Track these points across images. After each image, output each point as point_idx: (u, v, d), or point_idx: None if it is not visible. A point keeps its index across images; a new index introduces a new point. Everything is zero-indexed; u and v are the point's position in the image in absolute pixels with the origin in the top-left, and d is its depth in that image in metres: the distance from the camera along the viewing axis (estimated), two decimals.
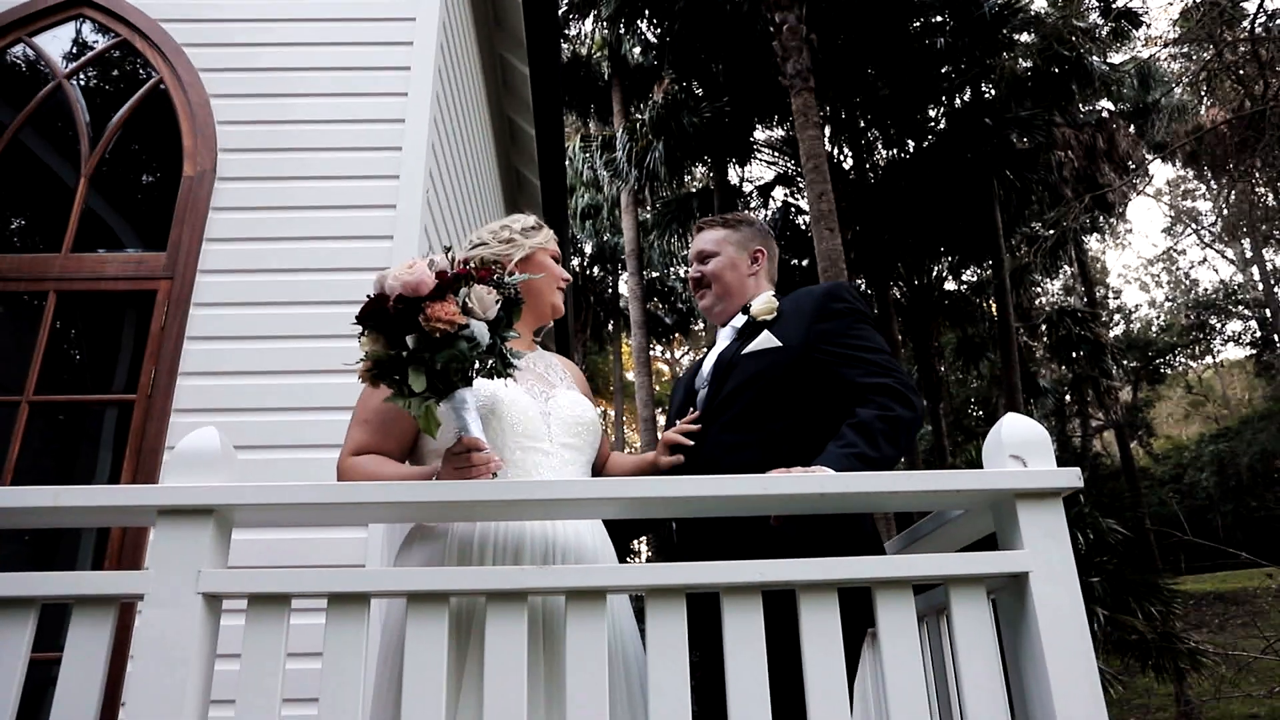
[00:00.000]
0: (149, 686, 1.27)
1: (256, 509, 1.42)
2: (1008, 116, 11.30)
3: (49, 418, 3.66)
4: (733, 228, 2.17)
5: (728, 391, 1.91)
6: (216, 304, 2.99)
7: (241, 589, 1.36)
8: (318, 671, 1.33)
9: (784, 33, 8.35)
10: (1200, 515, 29.19)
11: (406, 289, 1.48)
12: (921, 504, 1.54)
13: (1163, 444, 34.05)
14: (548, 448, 1.76)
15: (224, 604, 1.38)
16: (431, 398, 1.54)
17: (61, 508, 1.38)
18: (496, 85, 5.70)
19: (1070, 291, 25.50)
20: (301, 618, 1.47)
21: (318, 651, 1.34)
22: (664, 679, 1.34)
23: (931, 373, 14.46)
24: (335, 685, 1.32)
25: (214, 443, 1.43)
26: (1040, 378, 20.06)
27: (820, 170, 8.01)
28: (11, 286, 2.97)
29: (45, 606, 1.37)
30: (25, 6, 3.44)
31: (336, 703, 1.31)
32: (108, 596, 1.35)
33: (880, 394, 1.77)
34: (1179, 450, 33.02)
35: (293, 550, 2.55)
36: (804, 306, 1.95)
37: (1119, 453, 19.96)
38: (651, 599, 1.38)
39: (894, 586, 1.42)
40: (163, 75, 3.33)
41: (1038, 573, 1.42)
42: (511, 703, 1.31)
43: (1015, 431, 1.52)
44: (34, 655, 1.37)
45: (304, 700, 1.68)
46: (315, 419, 2.84)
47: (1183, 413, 38.24)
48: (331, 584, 1.37)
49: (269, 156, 3.23)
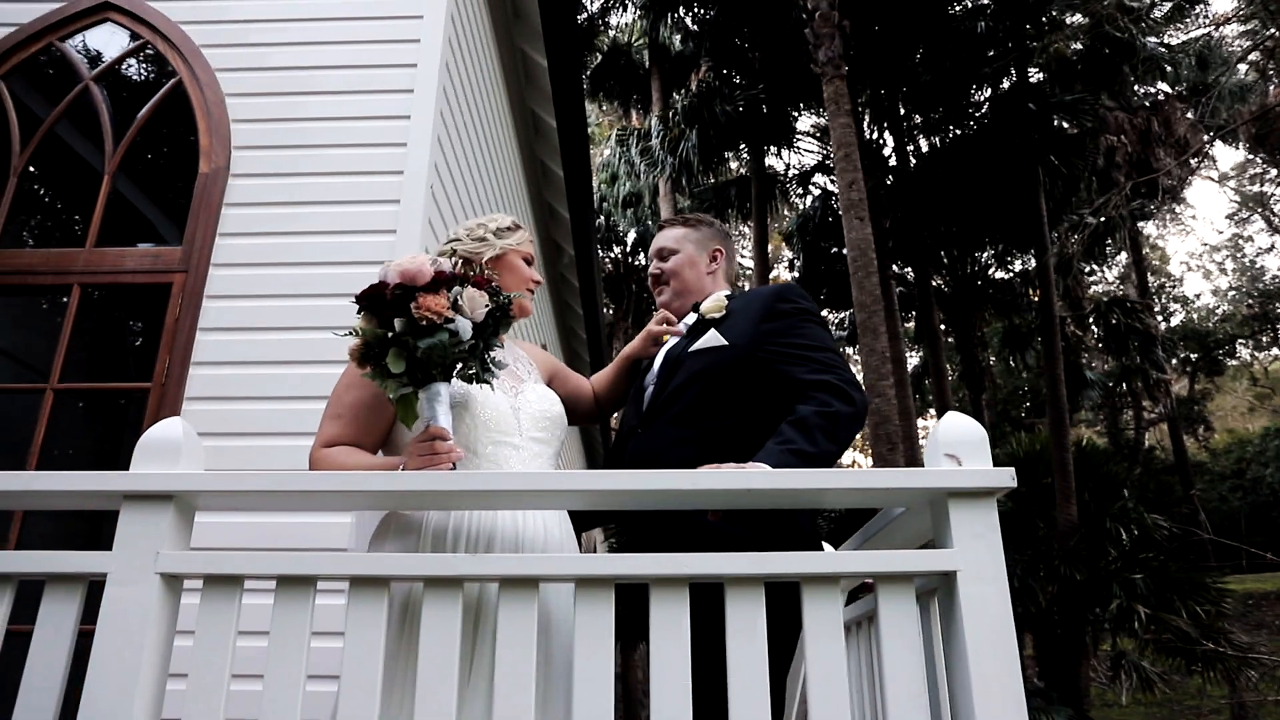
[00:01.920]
0: (108, 659, 1.36)
1: (215, 495, 1.50)
2: (1053, 101, 10.99)
3: (86, 404, 3.85)
4: (693, 227, 2.21)
5: (673, 388, 1.95)
6: (228, 296, 3.11)
7: (197, 569, 1.45)
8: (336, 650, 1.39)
9: (816, 19, 8.26)
10: (1264, 512, 28.15)
11: (404, 277, 1.57)
12: (852, 501, 1.56)
13: (1223, 438, 32.89)
14: (518, 442, 1.82)
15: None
16: (409, 384, 1.62)
17: (35, 491, 1.49)
18: (518, 78, 5.77)
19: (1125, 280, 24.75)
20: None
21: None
22: (589, 666, 1.40)
23: (974, 363, 14.22)
24: (279, 661, 1.40)
25: (177, 432, 1.52)
26: (1090, 369, 19.57)
27: (851, 159, 7.92)
28: (39, 280, 3.14)
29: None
30: (56, 13, 3.61)
31: (280, 679, 1.39)
32: (75, 575, 1.45)
33: (821, 390, 1.79)
34: (1241, 444, 31.87)
35: (294, 534, 2.66)
36: (752, 306, 1.98)
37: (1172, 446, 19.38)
38: (581, 589, 1.44)
39: (821, 582, 1.44)
40: (182, 76, 3.46)
41: (966, 572, 1.43)
42: (443, 686, 1.38)
43: (951, 430, 1.53)
44: (18, 628, 1.49)
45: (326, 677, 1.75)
46: (319, 407, 2.93)
47: (1247, 406, 36.87)
48: (278, 566, 1.45)
49: (280, 153, 3.35)
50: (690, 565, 1.45)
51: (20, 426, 3.02)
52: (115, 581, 1.41)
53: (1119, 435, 20.44)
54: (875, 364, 7.58)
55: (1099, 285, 25.05)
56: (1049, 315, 11.79)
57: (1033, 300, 13.89)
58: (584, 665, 1.40)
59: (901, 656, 1.41)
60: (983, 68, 11.24)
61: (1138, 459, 18.81)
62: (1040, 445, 12.23)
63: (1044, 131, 11.26)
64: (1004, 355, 17.59)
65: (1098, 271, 23.79)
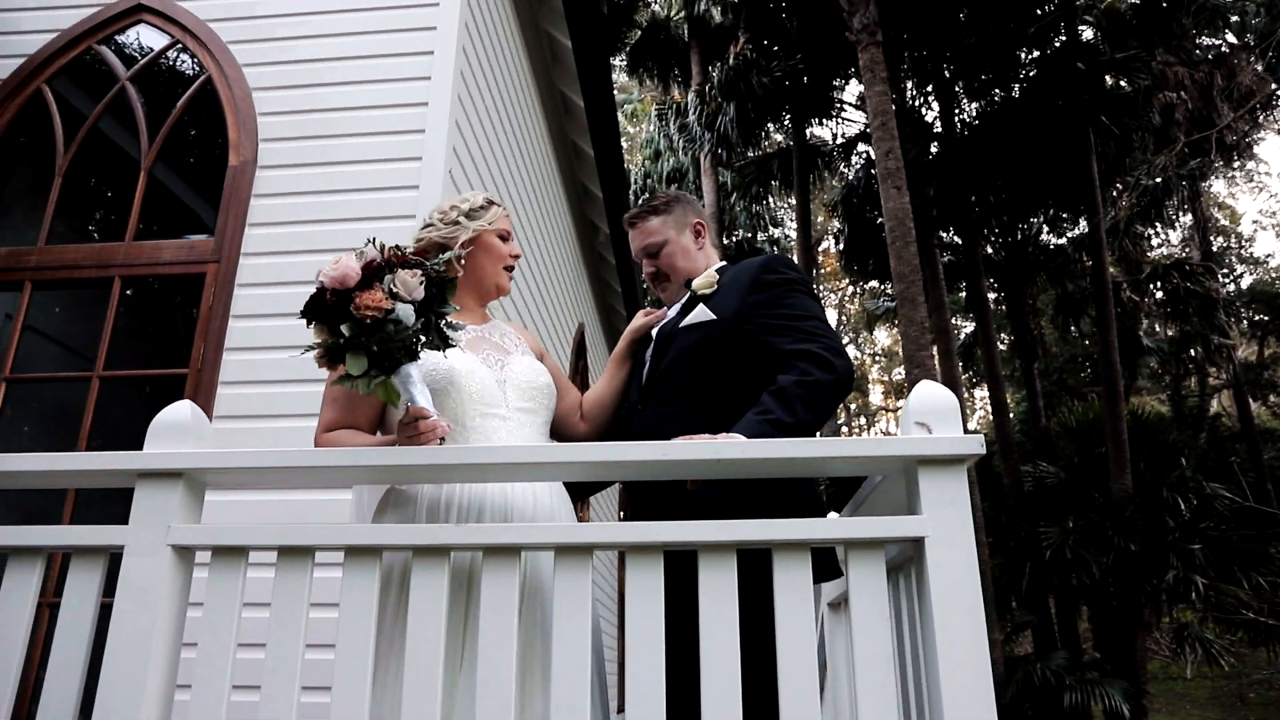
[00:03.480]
0: (125, 625, 1.48)
1: (220, 472, 1.61)
2: (1103, 60, 10.59)
3: (131, 389, 4.05)
4: (666, 211, 2.19)
5: (666, 364, 1.99)
6: (257, 284, 3.25)
7: (205, 541, 1.55)
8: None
9: None
10: None
11: (334, 282, 1.63)
12: (823, 469, 1.60)
13: None
14: (504, 413, 1.89)
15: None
16: (380, 375, 1.70)
17: (59, 470, 1.61)
18: (545, 60, 5.81)
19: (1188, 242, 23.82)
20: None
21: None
22: (568, 629, 1.47)
23: (1026, 331, 13.90)
24: (280, 630, 1.50)
25: (186, 414, 1.63)
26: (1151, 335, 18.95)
27: (888, 127, 7.78)
28: (84, 273, 3.31)
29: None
30: (94, 16, 3.76)
31: (282, 648, 1.49)
32: (97, 547, 1.56)
33: (802, 359, 1.81)
34: None
35: (309, 511, 2.79)
36: (740, 279, 2.00)
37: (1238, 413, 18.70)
38: (560, 556, 1.50)
39: (791, 549, 1.48)
40: (211, 73, 3.59)
41: (934, 538, 1.46)
42: (431, 648, 1.46)
43: (923, 399, 1.55)
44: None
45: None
46: None
47: None
48: (280, 538, 1.55)
49: (304, 144, 3.46)
50: (663, 533, 1.50)
51: (74, 411, 3.21)
52: (131, 553, 1.52)
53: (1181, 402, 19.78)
54: (914, 334, 7.49)
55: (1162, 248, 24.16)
56: (1101, 281, 11.46)
57: (1087, 266, 13.50)
58: (563, 628, 1.46)
59: (870, 620, 1.45)
60: (1028, 28, 10.88)
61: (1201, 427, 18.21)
62: (1094, 414, 11.97)
63: (1094, 92, 10.87)
64: (1058, 323, 17.16)
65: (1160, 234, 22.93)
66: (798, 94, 12.32)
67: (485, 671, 1.44)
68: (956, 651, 1.39)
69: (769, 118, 13.14)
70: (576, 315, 7.44)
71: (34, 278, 3.30)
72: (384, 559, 1.57)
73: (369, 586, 1.50)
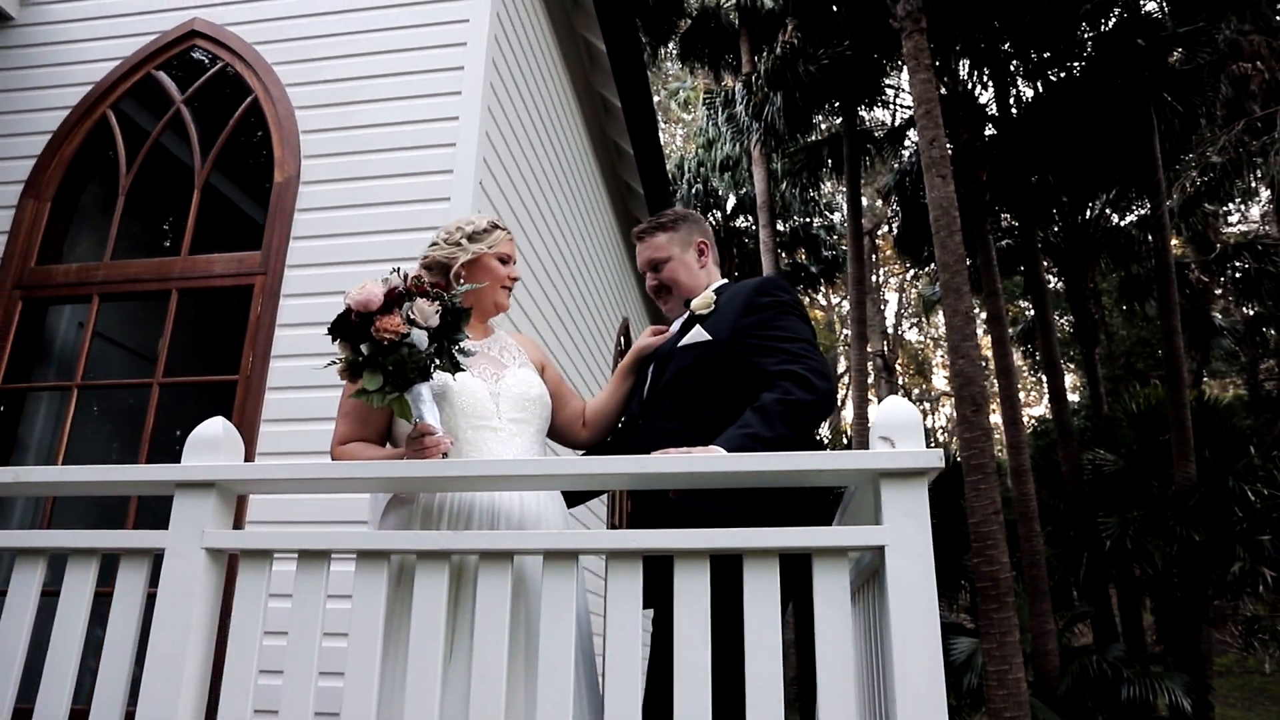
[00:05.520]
0: (165, 618, 1.67)
1: (248, 483, 1.79)
2: (1164, 35, 10.21)
3: (189, 395, 4.34)
4: (672, 228, 2.31)
5: (665, 382, 2.11)
6: (301, 295, 3.46)
7: (235, 545, 1.74)
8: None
9: None
10: None
11: (359, 305, 1.80)
12: (791, 481, 1.70)
13: None
14: (496, 424, 2.04)
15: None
16: (394, 392, 1.86)
17: (108, 482, 1.82)
18: (582, 64, 5.93)
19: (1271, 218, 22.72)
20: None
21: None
22: (555, 629, 1.60)
23: (1086, 316, 13.53)
24: (301, 625, 1.67)
25: (218, 430, 1.81)
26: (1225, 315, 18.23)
27: (932, 115, 7.69)
28: (145, 287, 3.58)
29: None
30: (153, 44, 4.02)
31: (301, 640, 1.66)
32: (142, 549, 1.76)
33: (785, 379, 1.91)
34: None
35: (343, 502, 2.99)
36: (735, 300, 2.11)
37: None
38: (548, 561, 1.64)
39: (760, 556, 1.59)
40: (257, 93, 3.81)
41: (894, 547, 1.55)
42: (433, 641, 1.62)
43: (888, 415, 1.63)
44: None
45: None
46: None
47: None
48: (300, 543, 1.72)
49: (343, 160, 3.65)
50: (642, 541, 1.63)
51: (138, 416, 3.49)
52: (170, 555, 1.71)
53: (1258, 386, 18.99)
54: (959, 324, 7.42)
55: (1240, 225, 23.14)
56: (1164, 262, 11.10)
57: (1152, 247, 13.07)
58: (550, 626, 1.60)
59: (833, 624, 1.55)
60: (1085, 3, 10.55)
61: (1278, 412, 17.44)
62: (1156, 400, 11.63)
63: (1156, 68, 10.49)
64: (1122, 306, 16.65)
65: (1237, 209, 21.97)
66: (847, 81, 12.18)
67: (479, 666, 1.58)
68: (911, 656, 1.48)
69: (817, 105, 13.01)
70: (620, 309, 7.58)
71: (100, 291, 3.58)
72: (390, 559, 1.73)
73: (378, 585, 1.66)
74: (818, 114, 14.08)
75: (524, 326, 4.32)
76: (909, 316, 35.51)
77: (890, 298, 35.38)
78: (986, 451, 7.35)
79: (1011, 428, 10.32)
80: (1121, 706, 9.61)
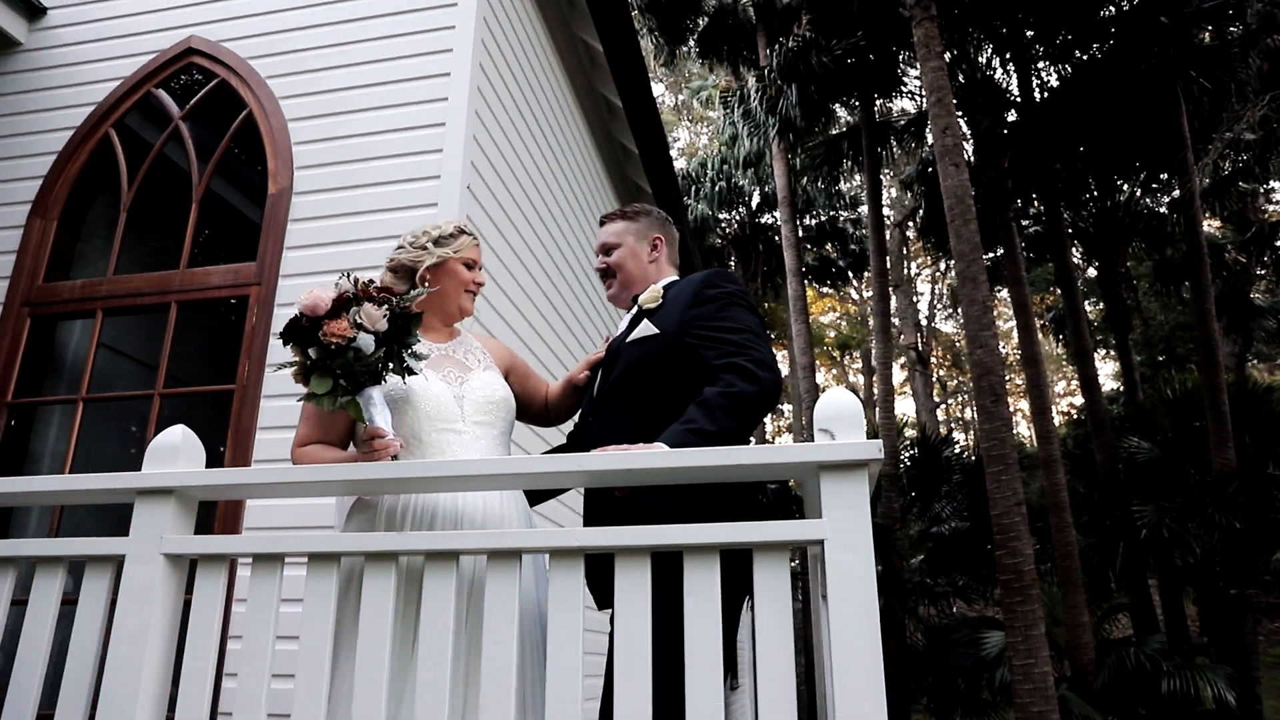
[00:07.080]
0: (125, 622, 1.71)
1: (206, 489, 1.83)
2: (1187, 12, 9.93)
3: (189, 404, 4.43)
4: (632, 219, 2.32)
5: (614, 378, 2.10)
6: (294, 305, 3.51)
7: (193, 550, 1.77)
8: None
9: None
10: None
11: (307, 310, 1.83)
12: (732, 475, 1.68)
13: None
14: (460, 427, 2.05)
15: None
16: (345, 395, 1.88)
17: (71, 490, 1.87)
18: (582, 66, 5.94)
19: None
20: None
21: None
22: (498, 626, 1.61)
23: (1119, 301, 13.23)
24: (254, 627, 1.70)
25: (177, 438, 1.85)
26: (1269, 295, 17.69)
27: (944, 104, 7.58)
28: (146, 300, 3.66)
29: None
30: (152, 63, 4.12)
31: (253, 644, 1.69)
32: (105, 556, 1.81)
33: (728, 372, 1.89)
34: None
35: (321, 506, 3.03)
36: (683, 294, 2.09)
37: None
38: (492, 560, 1.65)
39: (700, 552, 1.58)
40: (251, 107, 3.88)
41: (833, 540, 1.53)
42: (380, 641, 1.63)
43: (826, 406, 1.62)
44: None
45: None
46: None
47: None
48: (254, 546, 1.75)
49: (334, 170, 3.70)
50: (586, 539, 1.63)
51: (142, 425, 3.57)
52: (130, 561, 1.75)
53: None
54: (976, 314, 7.29)
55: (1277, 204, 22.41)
56: (1194, 244, 10.81)
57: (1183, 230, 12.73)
58: (493, 624, 1.61)
59: (772, 617, 1.53)
60: None
61: None
62: (1193, 385, 11.33)
63: (1181, 46, 10.22)
64: (1156, 290, 16.25)
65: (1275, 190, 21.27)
66: (862, 72, 12.04)
67: (425, 667, 1.60)
68: (850, 653, 1.46)
69: (833, 98, 12.88)
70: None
71: (104, 305, 3.67)
72: (343, 563, 1.76)
73: (328, 588, 1.69)
74: (835, 106, 13.93)
75: (523, 328, 4.35)
76: (943, 308, 35.02)
77: (924, 289, 34.91)
78: (1007, 442, 7.22)
79: (1040, 417, 10.13)
80: (1162, 699, 9.37)
